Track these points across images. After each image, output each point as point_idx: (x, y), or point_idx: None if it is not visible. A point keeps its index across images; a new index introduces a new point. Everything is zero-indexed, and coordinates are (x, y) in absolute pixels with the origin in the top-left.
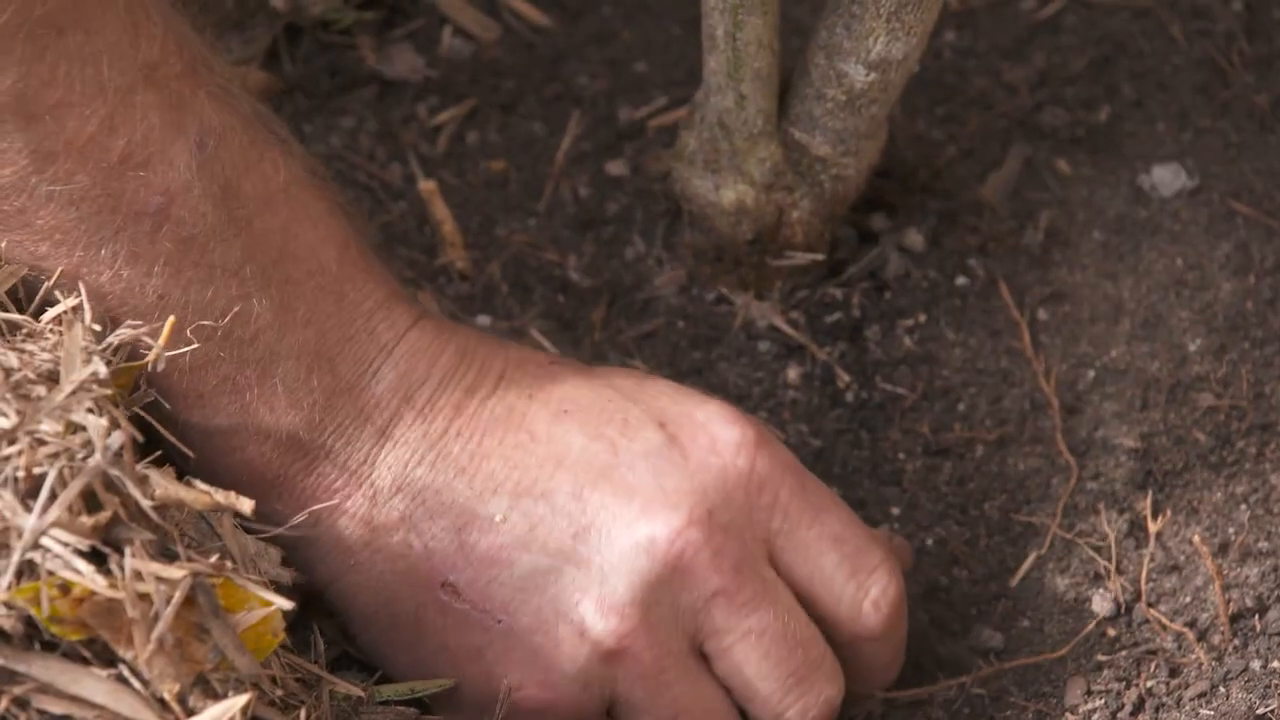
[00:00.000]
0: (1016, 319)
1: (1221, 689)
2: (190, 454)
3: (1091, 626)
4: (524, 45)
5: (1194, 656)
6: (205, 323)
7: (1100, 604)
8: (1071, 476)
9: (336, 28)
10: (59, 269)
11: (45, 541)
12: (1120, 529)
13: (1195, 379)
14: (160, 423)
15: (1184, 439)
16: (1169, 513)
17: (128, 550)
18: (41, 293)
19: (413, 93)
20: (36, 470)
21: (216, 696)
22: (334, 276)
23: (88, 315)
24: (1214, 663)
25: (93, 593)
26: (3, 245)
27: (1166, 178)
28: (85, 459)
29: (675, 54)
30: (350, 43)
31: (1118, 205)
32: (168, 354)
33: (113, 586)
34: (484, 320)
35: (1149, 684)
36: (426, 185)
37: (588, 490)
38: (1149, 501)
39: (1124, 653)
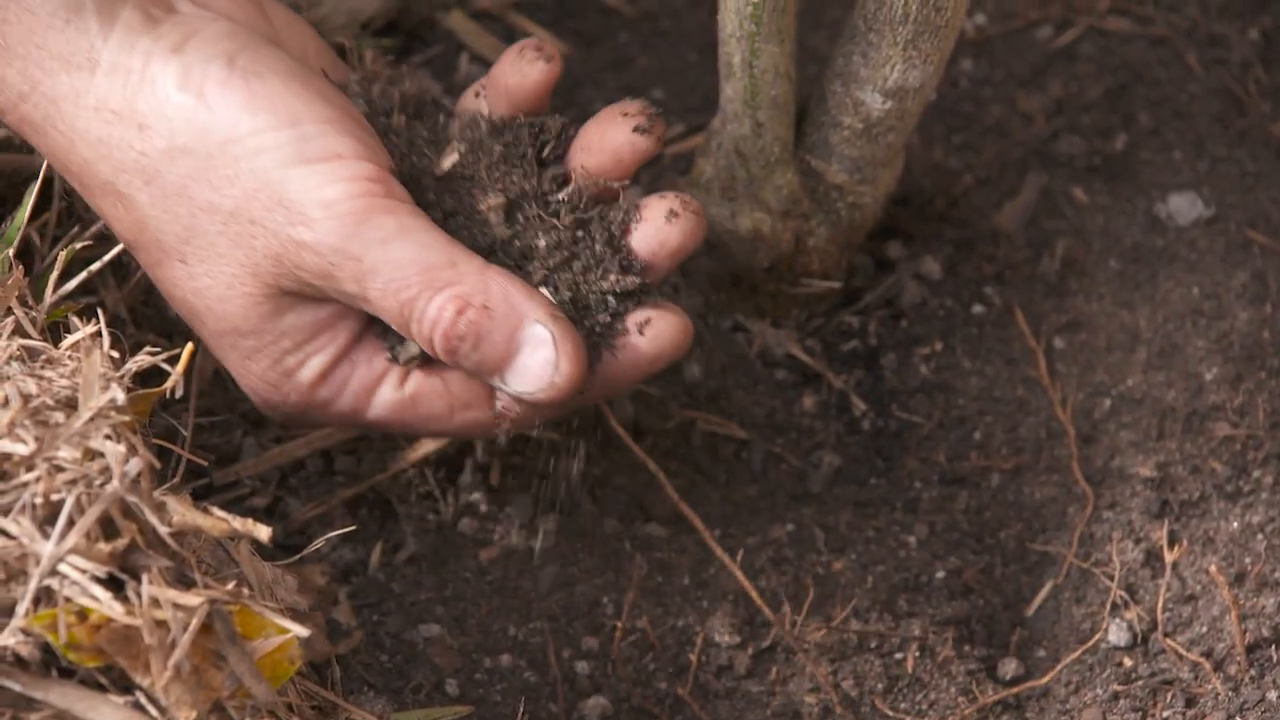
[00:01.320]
0: (1033, 347)
1: (1238, 719)
2: None
3: (1108, 656)
4: None
5: (1210, 686)
6: None
7: (1117, 634)
8: (1088, 505)
9: (355, 55)
10: None
11: (63, 568)
12: (1137, 558)
13: (1211, 408)
14: None
15: (1200, 468)
16: (1185, 542)
17: (145, 577)
18: None
19: None
20: (54, 497)
21: None
22: None
23: (106, 342)
24: (1230, 693)
25: (110, 619)
26: None
27: (1183, 206)
28: (103, 485)
29: (691, 81)
30: None
31: (1134, 234)
32: None
33: (130, 613)
34: None
35: (1165, 714)
36: None
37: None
38: (1165, 531)
39: (1140, 683)
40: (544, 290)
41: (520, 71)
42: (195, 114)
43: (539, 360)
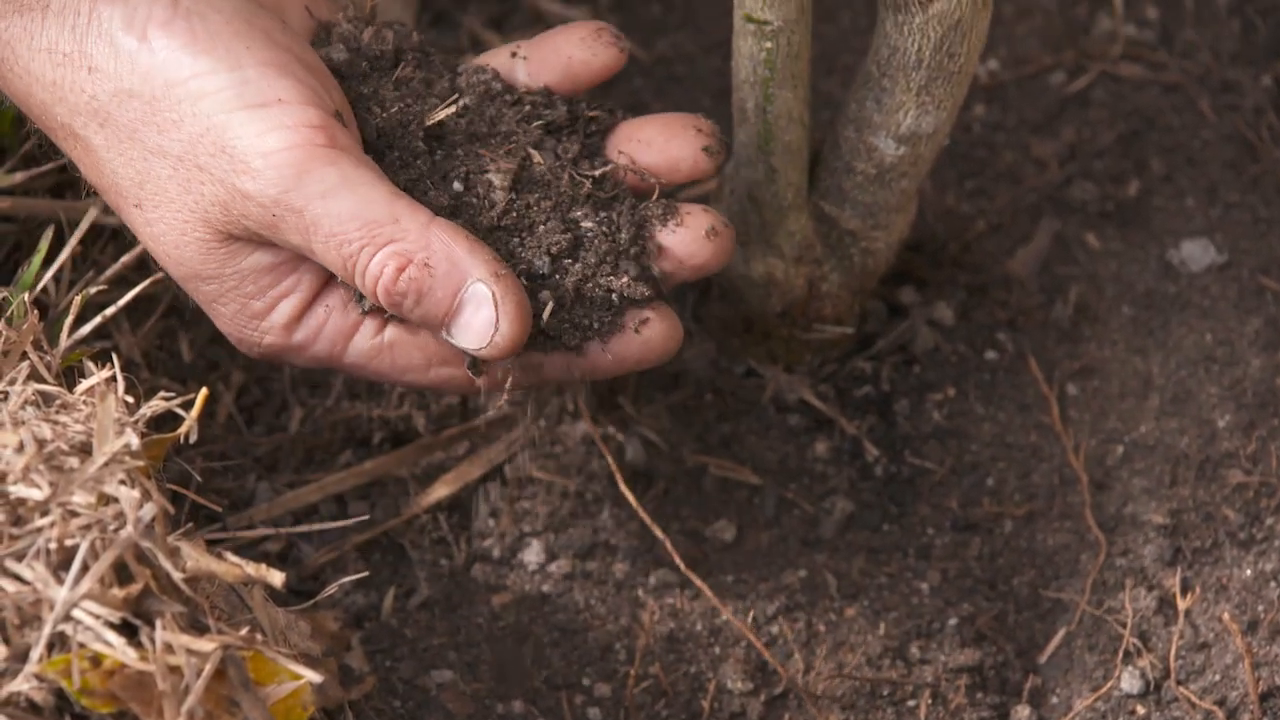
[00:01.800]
0: (1046, 394)
1: None
2: None
3: (1120, 704)
4: None
5: None
6: None
7: (1129, 681)
8: (1100, 552)
9: None
10: None
11: (77, 614)
12: (1149, 606)
13: (1224, 455)
14: None
15: (1213, 515)
16: (1198, 590)
17: (159, 622)
18: None
19: None
20: (69, 542)
21: None
22: None
23: (120, 387)
24: None
25: (124, 665)
26: None
27: (1196, 253)
28: (117, 531)
29: None
30: None
31: (1147, 280)
32: None
33: (143, 659)
34: None
35: None
36: None
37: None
38: (1178, 578)
39: None
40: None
41: (591, 50)
42: (138, 56)
43: (481, 319)
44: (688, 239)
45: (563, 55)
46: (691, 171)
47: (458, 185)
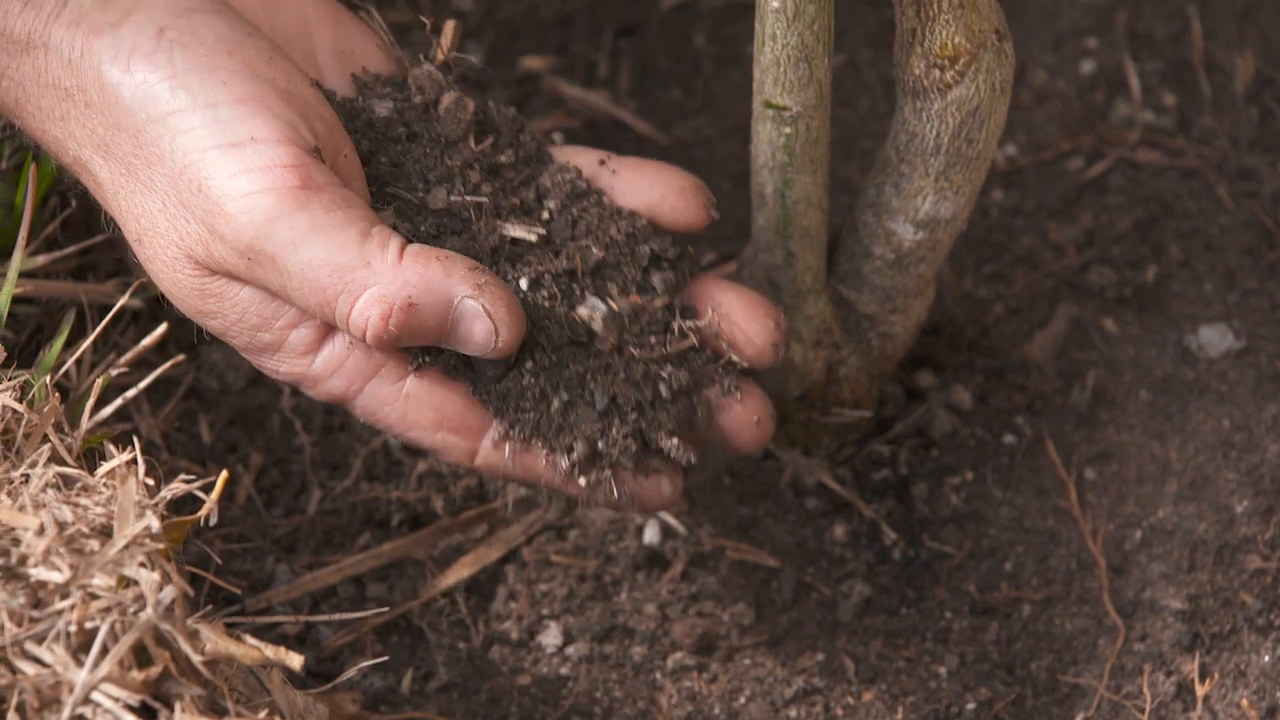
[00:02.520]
0: (1063, 478)
1: None
2: None
3: None
4: None
5: None
6: None
7: None
8: (1119, 637)
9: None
10: None
11: (96, 696)
12: (1168, 691)
13: (1243, 541)
14: None
15: (1231, 601)
16: (1216, 675)
17: (178, 705)
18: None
19: None
20: (88, 625)
21: None
22: None
23: (141, 469)
24: None
25: None
26: None
27: (1213, 338)
28: (137, 613)
29: (724, 209)
30: None
31: (1165, 365)
32: None
33: None
34: None
35: None
36: None
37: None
38: (1196, 664)
39: None
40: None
41: (685, 202)
42: (122, 88)
43: (479, 331)
44: (738, 418)
45: (655, 191)
46: (754, 358)
47: (523, 284)
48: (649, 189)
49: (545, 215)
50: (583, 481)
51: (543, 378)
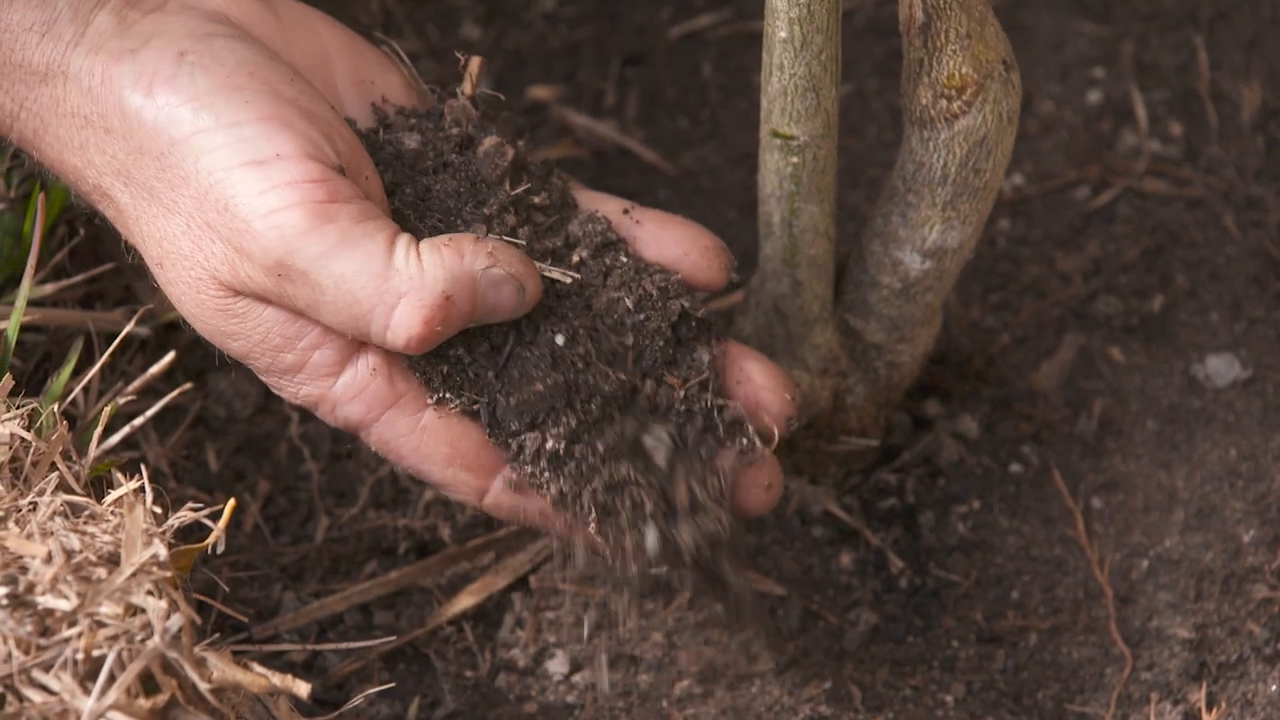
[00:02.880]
0: (1070, 507)
1: None
2: None
3: None
4: None
5: None
6: None
7: None
8: (1125, 666)
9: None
10: None
11: None
12: None
13: (1249, 570)
14: None
15: (1238, 630)
16: (1223, 704)
17: None
18: None
19: None
20: (96, 653)
21: None
22: None
23: (148, 498)
24: None
25: None
26: None
27: (1220, 368)
28: (144, 641)
29: (730, 239)
30: None
31: (1171, 395)
32: None
33: None
34: None
35: None
36: None
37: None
38: (1203, 693)
39: None
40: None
41: (709, 263)
42: (144, 112)
43: (507, 294)
44: (751, 482)
45: (679, 248)
46: (766, 426)
47: (560, 339)
48: (673, 244)
49: (576, 260)
50: (603, 538)
51: (576, 441)
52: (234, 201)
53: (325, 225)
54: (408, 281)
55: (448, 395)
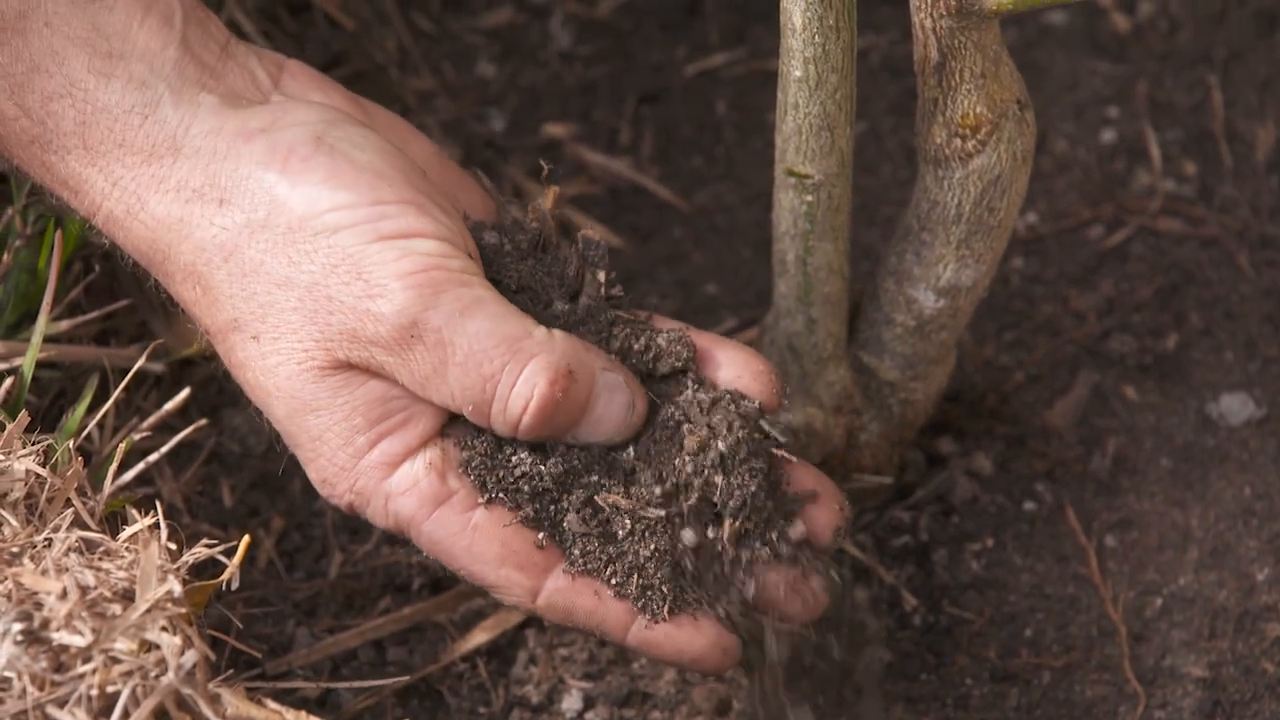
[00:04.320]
0: (1084, 545)
1: None
2: None
3: None
4: None
5: None
6: None
7: None
8: (1139, 705)
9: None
10: None
11: None
12: None
13: (1264, 609)
14: None
15: (1252, 669)
16: None
17: None
18: None
19: None
20: (110, 689)
21: None
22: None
23: (163, 534)
24: None
25: None
26: None
27: (1234, 406)
28: (158, 677)
29: (745, 276)
30: None
31: (1185, 433)
32: None
33: None
34: None
35: None
36: None
37: None
38: None
39: None
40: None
41: (761, 386)
42: (276, 189)
43: (617, 405)
44: (802, 596)
45: (732, 370)
46: (818, 541)
47: (656, 488)
48: (727, 367)
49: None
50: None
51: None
52: (369, 270)
53: (460, 287)
54: (540, 344)
55: (500, 494)
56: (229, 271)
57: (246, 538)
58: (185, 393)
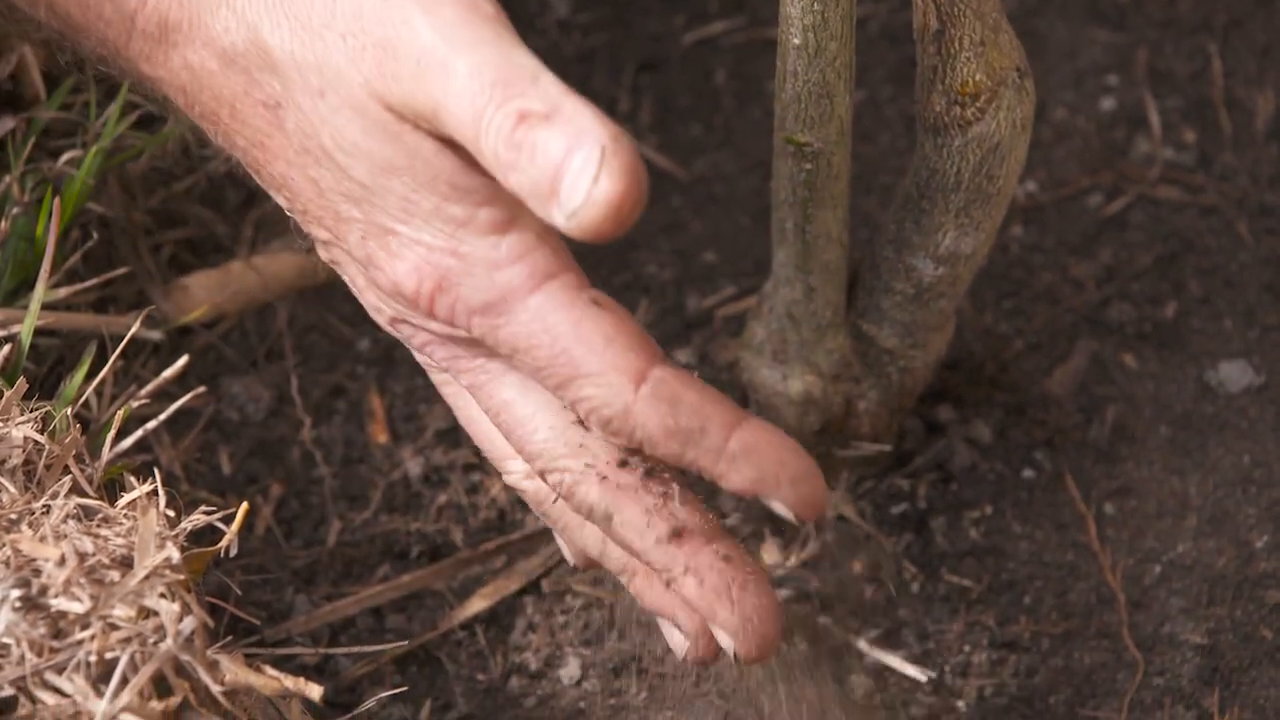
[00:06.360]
0: (1083, 513)
1: None
2: None
3: None
4: None
5: None
6: None
7: None
8: (1138, 672)
9: None
10: None
11: None
12: None
13: (1262, 575)
14: None
15: (1251, 635)
16: (1236, 709)
17: None
18: None
19: None
20: (108, 655)
21: None
22: None
23: (162, 501)
24: None
25: None
26: None
27: (1233, 374)
28: (157, 644)
29: (744, 245)
30: None
31: (1184, 401)
32: None
33: None
34: None
35: None
36: None
37: None
38: (1216, 698)
39: None
40: None
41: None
42: None
43: (584, 174)
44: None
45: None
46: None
47: None
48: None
49: None
50: None
51: None
52: (397, 5)
53: (483, 24)
54: (540, 91)
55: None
56: (290, 29)
57: (245, 505)
58: (184, 360)
